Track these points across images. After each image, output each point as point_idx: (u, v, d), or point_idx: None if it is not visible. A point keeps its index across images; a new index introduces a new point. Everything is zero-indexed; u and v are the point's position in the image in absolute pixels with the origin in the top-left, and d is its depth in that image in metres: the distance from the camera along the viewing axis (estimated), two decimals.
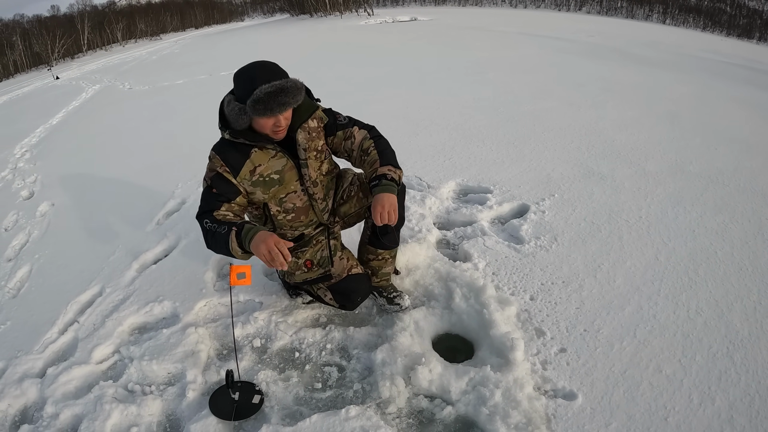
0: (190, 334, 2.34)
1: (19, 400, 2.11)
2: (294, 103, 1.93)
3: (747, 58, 13.68)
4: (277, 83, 1.86)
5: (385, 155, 2.13)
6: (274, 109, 1.87)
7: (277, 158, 2.08)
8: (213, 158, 2.08)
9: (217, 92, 8.95)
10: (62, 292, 2.87)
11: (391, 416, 1.90)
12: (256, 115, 1.90)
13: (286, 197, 2.15)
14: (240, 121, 1.96)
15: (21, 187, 5.06)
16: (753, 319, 2.23)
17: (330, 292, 2.27)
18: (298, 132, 2.09)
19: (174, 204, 3.90)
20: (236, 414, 1.91)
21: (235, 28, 43.13)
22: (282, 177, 2.11)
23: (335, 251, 2.29)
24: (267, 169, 2.08)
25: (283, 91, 1.86)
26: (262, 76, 1.88)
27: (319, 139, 2.17)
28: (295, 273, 2.30)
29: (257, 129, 2.00)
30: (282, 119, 1.95)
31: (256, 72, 1.91)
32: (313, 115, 2.14)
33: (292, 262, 2.27)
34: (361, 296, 2.29)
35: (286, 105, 1.90)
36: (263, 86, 1.84)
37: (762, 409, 1.80)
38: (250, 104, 1.87)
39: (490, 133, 4.84)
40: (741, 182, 3.55)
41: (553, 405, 1.86)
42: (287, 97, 1.88)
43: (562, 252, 2.78)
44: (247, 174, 2.06)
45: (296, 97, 1.92)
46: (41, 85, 19.21)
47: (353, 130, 2.21)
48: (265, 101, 1.85)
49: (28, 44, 52.51)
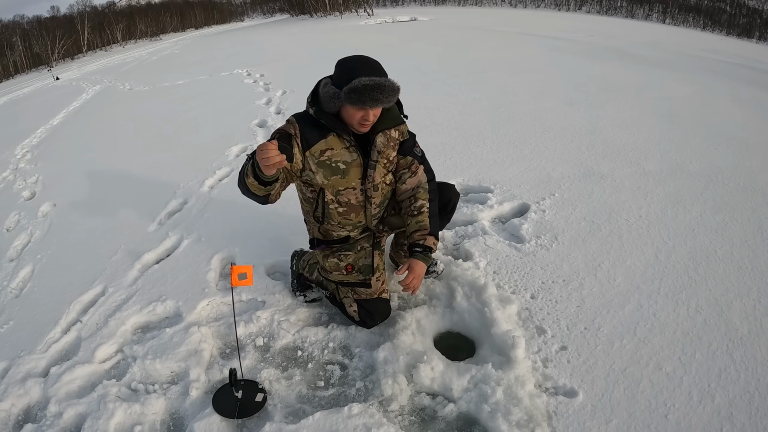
0: (193, 333, 2.35)
1: (23, 399, 2.12)
2: (387, 102, 1.96)
3: (747, 58, 13.67)
4: (377, 79, 1.90)
5: (433, 223, 2.21)
6: (366, 102, 1.90)
7: (350, 150, 2.11)
8: (290, 123, 2.11)
9: (217, 92, 8.95)
10: (65, 292, 2.88)
11: (394, 414, 1.91)
12: (348, 103, 1.93)
13: (344, 191, 2.18)
14: (331, 105, 2.00)
15: (22, 188, 5.07)
16: (752, 317, 2.24)
17: (357, 304, 2.30)
18: (379, 135, 2.12)
19: (176, 204, 3.92)
20: (239, 412, 1.92)
21: (235, 29, 43.12)
22: (347, 169, 2.13)
23: (378, 267, 2.34)
24: (337, 155, 2.10)
25: (380, 88, 1.90)
26: (364, 68, 1.93)
27: (393, 151, 2.20)
28: (333, 272, 2.32)
29: (344, 117, 2.03)
30: (371, 115, 1.98)
31: (359, 63, 1.96)
32: (397, 126, 2.17)
33: (333, 263, 2.32)
34: (382, 319, 2.33)
35: (378, 102, 1.93)
36: (362, 78, 1.89)
37: (762, 407, 1.82)
38: (346, 92, 1.90)
39: (491, 132, 4.85)
40: (741, 181, 3.56)
41: (554, 402, 1.87)
42: (382, 94, 1.91)
43: (562, 251, 2.79)
44: (318, 152, 2.09)
45: (390, 97, 1.95)
46: (41, 85, 19.24)
47: (419, 167, 2.26)
48: (360, 92, 1.88)
49: (28, 45, 52.56)
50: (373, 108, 1.96)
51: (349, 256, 2.31)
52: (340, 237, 2.34)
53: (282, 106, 6.89)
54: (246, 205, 3.67)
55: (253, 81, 9.38)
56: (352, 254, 2.32)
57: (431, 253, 2.19)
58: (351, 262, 2.31)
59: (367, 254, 2.32)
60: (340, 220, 2.26)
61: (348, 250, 2.33)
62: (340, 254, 2.32)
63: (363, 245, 2.35)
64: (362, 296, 2.29)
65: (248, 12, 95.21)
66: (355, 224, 2.30)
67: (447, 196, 2.42)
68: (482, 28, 17.63)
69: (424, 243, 2.17)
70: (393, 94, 1.95)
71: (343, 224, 2.28)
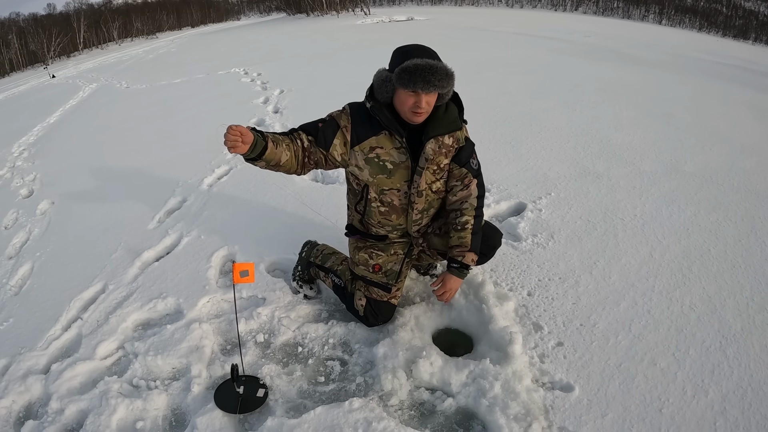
0: (194, 329, 2.36)
1: (24, 396, 2.13)
2: (439, 87, 1.90)
3: (742, 59, 13.74)
4: (430, 61, 1.87)
5: (475, 240, 2.19)
6: (417, 82, 1.86)
7: (400, 152, 2.08)
8: (345, 113, 2.09)
9: (215, 91, 8.95)
10: (65, 290, 2.89)
11: (393, 408, 1.94)
12: (399, 85, 1.89)
13: (388, 191, 2.16)
14: (383, 90, 1.97)
15: (20, 186, 5.07)
16: (745, 315, 2.28)
17: (366, 300, 2.30)
18: (430, 141, 2.06)
19: (175, 202, 3.93)
20: (241, 407, 1.94)
21: (232, 27, 43.04)
22: (394, 170, 2.10)
23: (402, 275, 2.34)
24: (386, 155, 2.08)
25: (431, 70, 1.86)
26: (417, 51, 1.91)
27: (446, 158, 2.14)
28: (359, 266, 2.33)
29: (397, 106, 1.99)
30: (423, 101, 1.92)
31: (413, 47, 1.94)
32: (452, 132, 2.11)
33: (363, 258, 2.32)
34: (384, 321, 2.33)
35: (430, 84, 1.87)
36: (415, 59, 1.86)
37: (754, 402, 1.85)
38: (398, 73, 1.88)
39: (487, 132, 4.88)
40: (735, 182, 3.60)
41: (551, 397, 1.90)
42: (434, 76, 1.86)
43: (558, 249, 2.83)
44: (367, 148, 2.07)
45: (443, 81, 1.90)
46: (37, 83, 19.17)
47: (472, 181, 2.19)
48: (411, 72, 1.85)
49: (24, 42, 52.29)
50: (425, 92, 1.90)
51: (380, 257, 2.31)
52: (378, 234, 2.32)
53: (280, 105, 6.90)
54: (245, 203, 3.72)
55: (251, 80, 9.38)
56: (384, 256, 2.31)
57: (468, 270, 2.20)
58: (380, 263, 2.30)
59: (398, 260, 2.32)
60: (380, 219, 2.24)
61: (381, 251, 2.32)
62: (372, 252, 2.32)
63: (397, 250, 2.34)
64: (374, 296, 2.29)
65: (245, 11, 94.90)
66: (395, 226, 2.27)
67: (493, 243, 2.39)
68: (479, 27, 17.65)
69: (462, 260, 2.17)
70: (446, 78, 1.90)
71: (383, 224, 2.26)
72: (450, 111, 2.10)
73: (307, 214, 3.42)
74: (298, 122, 5.70)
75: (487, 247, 2.34)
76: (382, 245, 2.33)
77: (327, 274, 2.50)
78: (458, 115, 2.13)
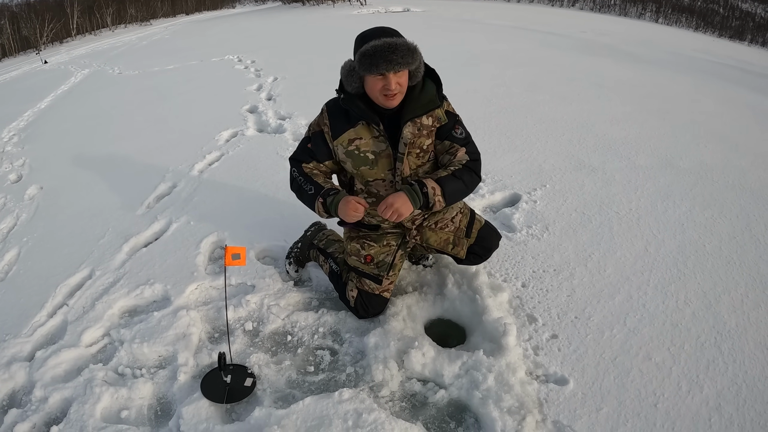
0: (181, 317, 2.32)
1: (7, 384, 2.08)
2: (404, 64, 1.84)
3: (738, 60, 13.77)
4: (387, 39, 1.82)
5: (449, 181, 2.00)
6: (380, 65, 1.81)
7: (379, 140, 2.03)
8: (323, 113, 2.09)
9: (208, 78, 8.87)
10: (51, 275, 2.83)
11: (384, 399, 1.91)
12: (363, 71, 1.85)
13: (373, 182, 2.12)
14: (351, 81, 1.93)
15: (9, 171, 4.97)
16: (740, 311, 2.26)
17: (358, 291, 2.24)
18: (407, 124, 2.00)
19: (165, 188, 3.87)
20: (228, 397, 1.91)
21: (226, 15, 42.62)
22: (376, 160, 2.06)
23: (395, 267, 2.27)
24: (366, 145, 2.04)
25: (391, 48, 1.80)
26: (375, 33, 1.86)
27: (428, 138, 2.08)
28: (351, 257, 2.28)
29: (369, 93, 1.94)
30: (392, 81, 1.86)
31: (371, 31, 1.90)
32: (431, 112, 2.04)
33: (354, 248, 2.27)
34: (374, 314, 2.28)
35: (393, 63, 1.81)
36: (372, 41, 1.82)
37: (749, 398, 1.84)
38: (357, 59, 1.84)
39: (483, 123, 4.84)
40: (730, 179, 3.59)
41: (545, 389, 1.88)
42: (395, 54, 1.80)
43: (553, 241, 2.80)
44: (345, 141, 2.04)
45: (406, 57, 1.84)
46: (29, 69, 18.84)
47: (459, 149, 2.09)
48: (371, 54, 1.80)
49: (17, 28, 51.52)
50: (390, 71, 1.84)
51: (372, 247, 2.26)
52: (371, 224, 2.27)
53: (273, 92, 6.82)
54: (236, 190, 3.66)
55: (244, 67, 9.29)
56: (376, 246, 2.26)
57: (420, 198, 1.96)
58: (372, 253, 2.25)
59: (391, 252, 2.27)
60: (369, 210, 2.17)
61: (374, 241, 2.27)
62: (365, 242, 2.27)
63: (390, 242, 2.28)
64: (365, 287, 2.24)
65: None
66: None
67: (489, 244, 2.34)
68: (475, 20, 17.57)
69: (421, 180, 1.99)
70: (409, 53, 1.84)
71: (372, 214, 2.21)
72: (427, 89, 2.03)
73: (299, 202, 3.35)
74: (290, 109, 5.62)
75: (482, 249, 2.32)
76: (374, 236, 2.29)
77: (326, 259, 2.46)
78: (436, 92, 2.06)
